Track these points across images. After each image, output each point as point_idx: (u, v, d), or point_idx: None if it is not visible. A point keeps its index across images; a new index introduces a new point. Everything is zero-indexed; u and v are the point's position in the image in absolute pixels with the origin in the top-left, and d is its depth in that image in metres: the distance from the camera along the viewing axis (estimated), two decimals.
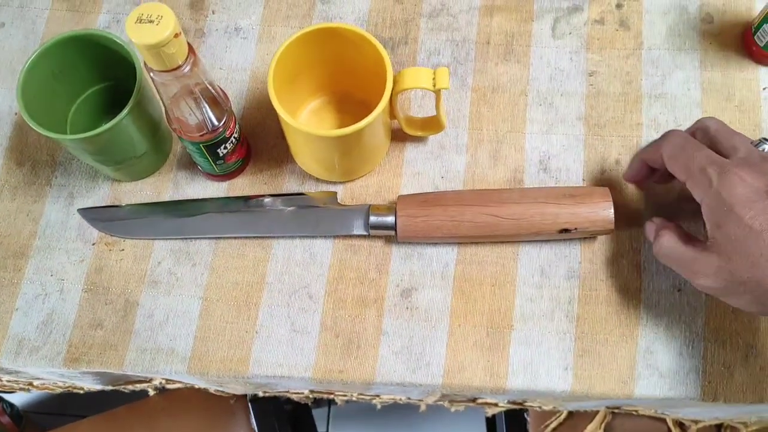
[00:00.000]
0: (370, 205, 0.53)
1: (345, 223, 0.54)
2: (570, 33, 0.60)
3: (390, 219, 0.52)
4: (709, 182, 0.43)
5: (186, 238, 0.55)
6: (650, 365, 0.51)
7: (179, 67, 0.43)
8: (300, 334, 0.53)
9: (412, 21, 0.61)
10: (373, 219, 0.52)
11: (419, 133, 0.55)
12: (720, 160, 0.44)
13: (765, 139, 0.47)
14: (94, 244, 0.55)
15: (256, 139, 0.58)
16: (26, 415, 1.25)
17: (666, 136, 0.48)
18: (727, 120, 0.56)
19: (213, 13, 0.62)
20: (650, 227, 0.50)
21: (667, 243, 0.47)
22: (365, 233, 0.53)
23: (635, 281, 0.53)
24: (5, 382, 0.65)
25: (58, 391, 0.69)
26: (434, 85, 0.49)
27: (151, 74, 0.43)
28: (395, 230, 0.52)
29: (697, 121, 0.49)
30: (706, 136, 0.47)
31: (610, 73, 0.58)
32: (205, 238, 0.55)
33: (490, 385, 0.51)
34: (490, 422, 1.00)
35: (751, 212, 0.41)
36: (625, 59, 0.59)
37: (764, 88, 0.57)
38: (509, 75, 0.59)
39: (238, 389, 0.64)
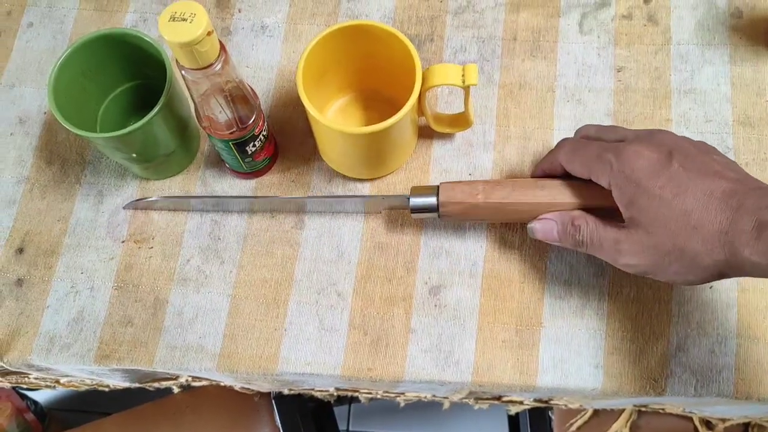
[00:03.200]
0: (412, 187, 0.52)
1: (385, 201, 0.53)
2: (597, 28, 0.59)
3: (432, 199, 0.50)
4: (610, 165, 0.44)
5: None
6: (682, 363, 0.51)
7: (211, 65, 0.43)
8: (328, 332, 0.53)
9: (437, 18, 0.61)
10: (414, 200, 0.50)
11: (447, 130, 0.55)
12: (613, 144, 0.45)
13: None
14: (123, 242, 0.56)
15: (284, 137, 0.58)
16: (50, 413, 1.26)
17: (557, 146, 0.49)
18: (758, 115, 0.56)
19: (239, 11, 0.62)
20: (548, 227, 0.48)
21: (594, 235, 0.45)
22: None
23: None
24: (32, 380, 0.66)
25: (84, 388, 0.70)
26: (463, 82, 0.49)
27: (183, 72, 0.44)
28: (437, 211, 0.50)
29: (576, 131, 0.50)
30: (590, 138, 0.48)
31: (638, 69, 0.58)
32: (243, 197, 0.56)
33: (519, 383, 0.51)
34: (513, 420, 0.99)
35: (660, 181, 0.42)
36: (654, 54, 0.58)
37: None
38: (536, 71, 0.58)
39: (264, 387, 0.64)
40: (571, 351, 0.51)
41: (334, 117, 0.58)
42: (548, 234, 0.48)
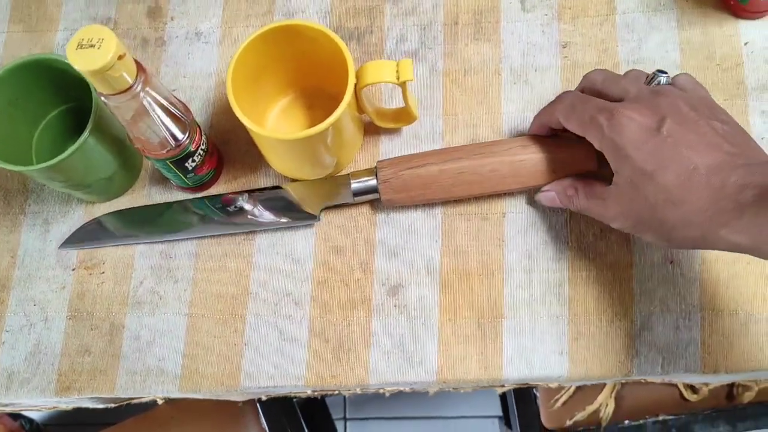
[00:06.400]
0: (350, 173, 0.53)
1: (329, 196, 0.53)
2: (540, 4, 0.58)
3: (372, 182, 0.51)
4: (601, 129, 0.43)
5: (167, 241, 0.55)
6: (647, 342, 0.50)
7: (129, 88, 0.41)
8: (289, 343, 0.52)
9: (376, 8, 0.59)
10: (355, 185, 0.52)
11: (391, 125, 0.54)
12: (609, 105, 0.44)
13: (660, 71, 0.46)
14: (74, 270, 0.54)
15: (228, 146, 0.57)
16: (47, 429, 1.26)
17: (558, 98, 0.48)
18: (709, 80, 0.54)
19: (172, 19, 0.60)
20: (551, 196, 0.50)
21: (582, 203, 0.48)
22: (350, 201, 0.53)
23: (626, 256, 0.51)
24: (8, 410, 0.65)
25: (68, 408, 0.69)
26: (398, 78, 0.47)
27: (103, 98, 0.42)
28: (379, 192, 0.51)
29: (583, 77, 0.49)
30: (595, 88, 0.47)
31: (584, 43, 0.56)
32: (189, 239, 0.55)
33: (485, 377, 0.50)
34: (503, 396, 0.99)
35: (643, 154, 0.41)
36: (599, 26, 0.57)
37: (746, 43, 0.55)
38: (480, 55, 0.57)
39: (237, 397, 0.64)
40: (534, 340, 0.51)
41: (277, 118, 0.56)
42: (553, 202, 0.50)
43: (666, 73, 0.46)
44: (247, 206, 0.53)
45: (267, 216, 0.53)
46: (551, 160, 0.50)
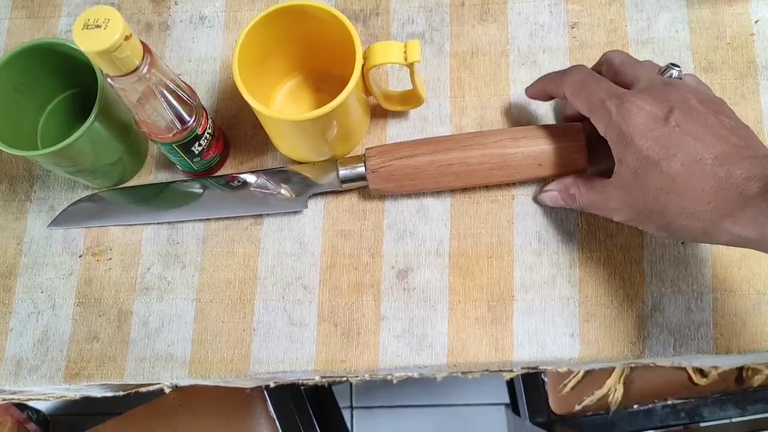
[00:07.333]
0: (338, 159, 0.52)
1: (315, 182, 0.52)
2: None
3: (360, 169, 0.51)
4: (609, 115, 0.43)
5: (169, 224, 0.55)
6: (659, 323, 0.50)
7: (136, 69, 0.41)
8: (298, 327, 0.52)
9: None
10: (343, 172, 0.51)
11: (398, 108, 0.53)
12: (620, 91, 0.43)
13: (673, 64, 0.45)
14: (80, 256, 0.54)
15: (234, 130, 0.56)
16: (54, 420, 1.26)
17: (569, 71, 0.47)
18: (719, 59, 0.54)
19: (176, 3, 0.59)
20: (553, 196, 0.50)
21: (585, 199, 0.47)
22: (338, 188, 0.52)
23: (636, 237, 0.51)
24: (15, 399, 0.65)
25: (76, 396, 0.69)
26: (406, 59, 0.47)
27: (109, 80, 0.42)
28: (366, 180, 0.51)
29: (602, 55, 0.48)
30: (611, 69, 0.47)
31: (592, 23, 0.56)
32: (190, 221, 0.54)
33: (496, 360, 0.50)
34: (510, 381, 0.99)
35: (648, 142, 0.41)
36: (608, 6, 0.56)
37: (756, 21, 0.54)
38: (488, 36, 0.56)
39: (246, 384, 0.64)
40: (545, 322, 0.50)
41: (284, 101, 0.55)
42: (556, 202, 0.50)
43: (679, 67, 0.45)
44: (251, 179, 0.53)
45: (269, 190, 0.53)
46: (540, 153, 0.49)
